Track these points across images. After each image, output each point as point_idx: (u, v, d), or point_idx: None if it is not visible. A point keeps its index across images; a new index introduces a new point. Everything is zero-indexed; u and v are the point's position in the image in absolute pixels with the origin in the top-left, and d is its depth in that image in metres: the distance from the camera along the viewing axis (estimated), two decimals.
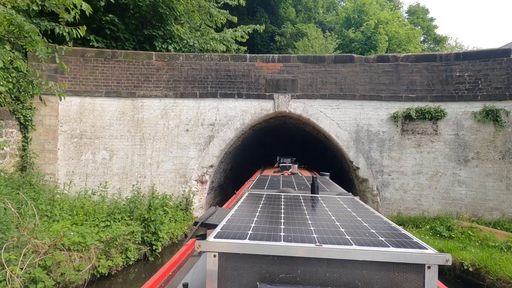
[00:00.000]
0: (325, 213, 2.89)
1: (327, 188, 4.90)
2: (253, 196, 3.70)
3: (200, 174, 12.58)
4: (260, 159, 20.53)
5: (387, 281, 1.82)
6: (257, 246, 1.88)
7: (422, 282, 1.80)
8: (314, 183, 4.17)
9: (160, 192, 12.33)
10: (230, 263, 1.88)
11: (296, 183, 5.56)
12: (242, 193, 4.19)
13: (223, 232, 2.09)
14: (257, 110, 12.68)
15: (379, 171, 12.16)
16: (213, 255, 1.87)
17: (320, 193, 4.18)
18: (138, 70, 12.46)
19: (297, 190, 4.64)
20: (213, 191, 14.44)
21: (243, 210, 2.90)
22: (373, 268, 1.83)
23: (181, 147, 12.55)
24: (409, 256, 1.81)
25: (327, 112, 12.53)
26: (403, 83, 12.12)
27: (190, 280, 2.34)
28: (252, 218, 2.55)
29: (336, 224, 2.44)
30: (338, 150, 13.27)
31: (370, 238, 2.10)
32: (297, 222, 2.47)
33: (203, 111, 12.64)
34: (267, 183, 5.47)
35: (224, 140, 12.65)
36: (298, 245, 1.89)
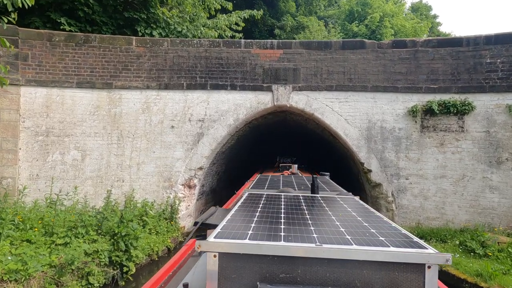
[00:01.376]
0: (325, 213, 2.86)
1: (327, 188, 4.81)
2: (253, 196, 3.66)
3: (188, 178, 10.73)
4: (258, 160, 18.71)
5: (387, 281, 1.78)
6: (257, 246, 1.85)
7: (422, 282, 1.76)
8: (314, 183, 4.12)
9: (141, 198, 10.48)
10: (230, 263, 1.85)
11: (296, 183, 5.43)
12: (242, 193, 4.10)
13: (223, 232, 2.07)
14: (253, 103, 10.83)
15: (394, 174, 10.31)
16: (213, 255, 1.84)
17: (320, 193, 4.14)
18: (115, 57, 10.61)
19: (297, 190, 4.55)
20: (204, 196, 12.60)
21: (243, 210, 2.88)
22: (373, 268, 1.79)
23: (166, 147, 10.70)
24: (409, 256, 1.78)
25: (334, 106, 10.68)
26: (422, 72, 10.27)
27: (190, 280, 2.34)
28: (252, 218, 2.53)
29: (336, 224, 2.41)
30: (347, 150, 11.42)
31: (370, 238, 2.06)
32: (297, 222, 2.44)
33: (191, 104, 10.79)
34: (267, 183, 5.34)
35: (215, 138, 10.80)
36: (298, 245, 1.87)
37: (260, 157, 18.92)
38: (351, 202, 3.50)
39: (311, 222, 2.46)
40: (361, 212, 2.97)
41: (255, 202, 3.30)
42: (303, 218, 2.62)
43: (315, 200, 3.55)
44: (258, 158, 18.76)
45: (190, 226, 11.32)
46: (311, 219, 2.57)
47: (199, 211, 12.23)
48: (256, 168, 15.85)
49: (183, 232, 10.80)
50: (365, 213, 2.94)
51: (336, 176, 10.48)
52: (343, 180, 11.70)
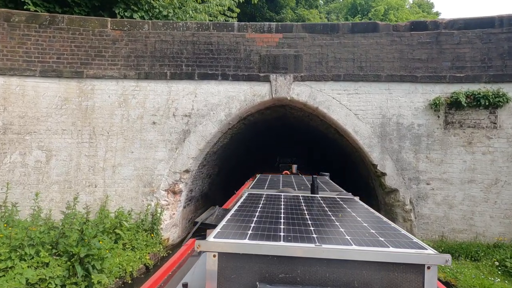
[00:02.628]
0: (324, 213, 2.82)
1: (327, 188, 4.74)
2: (253, 196, 3.59)
3: (172, 182, 9.09)
4: (256, 162, 17.07)
5: (387, 281, 1.76)
6: (257, 246, 1.82)
7: (422, 283, 1.73)
8: (314, 183, 4.08)
9: (117, 206, 8.84)
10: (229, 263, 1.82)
11: (296, 183, 5.35)
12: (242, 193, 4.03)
13: (223, 232, 2.04)
14: (248, 96, 9.19)
15: (413, 178, 8.68)
16: (213, 255, 1.81)
17: (320, 193, 4.09)
18: (87, 42, 8.96)
19: (297, 190, 4.50)
20: (192, 203, 10.95)
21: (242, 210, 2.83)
22: (373, 268, 1.77)
23: (146, 146, 9.06)
24: (409, 256, 1.75)
25: (341, 98, 9.05)
26: (446, 58, 8.64)
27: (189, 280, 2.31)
28: (252, 218, 2.48)
29: (335, 224, 2.38)
30: (355, 151, 9.79)
31: (369, 238, 2.03)
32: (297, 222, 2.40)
33: (176, 97, 9.15)
34: (267, 183, 5.28)
35: (204, 136, 9.16)
36: (298, 245, 1.84)
37: (258, 158, 17.28)
38: (351, 202, 3.45)
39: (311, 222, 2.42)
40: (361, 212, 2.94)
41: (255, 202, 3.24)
42: (303, 218, 2.59)
43: (315, 200, 3.51)
44: (256, 159, 17.11)
45: (176, 237, 9.69)
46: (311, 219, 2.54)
47: (187, 219, 10.59)
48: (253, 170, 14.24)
49: (166, 245, 9.16)
50: (365, 213, 2.90)
51: (342, 180, 8.88)
52: (350, 184, 10.08)
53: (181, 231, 10.00)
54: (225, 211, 3.96)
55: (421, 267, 1.74)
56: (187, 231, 10.72)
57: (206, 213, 3.96)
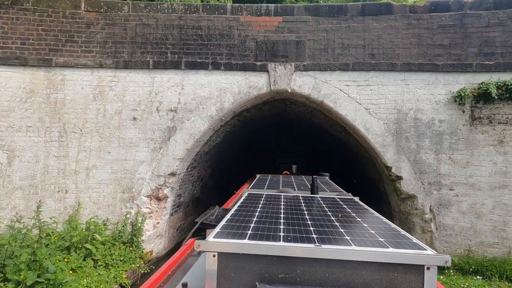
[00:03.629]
0: (324, 213, 2.78)
1: (326, 189, 4.65)
2: (252, 196, 3.54)
3: (155, 187, 7.80)
4: (254, 162, 15.80)
5: (387, 282, 1.74)
6: (257, 246, 1.80)
7: (422, 283, 1.71)
8: (313, 183, 4.02)
9: (92, 214, 7.56)
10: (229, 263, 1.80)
11: (296, 183, 5.24)
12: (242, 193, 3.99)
13: (223, 232, 2.01)
14: (243, 88, 7.91)
15: (434, 182, 7.41)
16: (213, 255, 1.80)
17: (320, 193, 4.04)
18: (57, 25, 7.67)
19: (297, 190, 4.43)
20: (181, 209, 9.66)
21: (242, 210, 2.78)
22: (373, 269, 1.75)
23: (125, 145, 7.77)
24: (409, 257, 1.73)
25: (350, 91, 7.77)
26: (472, 43, 7.37)
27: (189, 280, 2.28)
28: (252, 218, 2.45)
29: (335, 225, 2.35)
30: (365, 151, 8.51)
31: (369, 238, 2.01)
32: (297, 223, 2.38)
33: (160, 89, 7.87)
34: (267, 183, 5.16)
35: (192, 134, 7.87)
36: (298, 245, 1.82)
37: (256, 159, 16.00)
38: (350, 202, 3.40)
39: (311, 223, 2.38)
40: (361, 212, 2.88)
41: (255, 202, 3.18)
42: (303, 218, 2.53)
43: (315, 200, 3.43)
44: (253, 160, 15.84)
45: (161, 249, 8.40)
46: (311, 220, 2.48)
47: (174, 228, 9.30)
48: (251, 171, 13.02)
49: (149, 259, 7.87)
50: (364, 213, 2.85)
51: (348, 184, 7.66)
52: (357, 189, 8.82)
53: (167, 242, 8.72)
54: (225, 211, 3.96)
55: (420, 267, 1.71)
56: (175, 240, 9.44)
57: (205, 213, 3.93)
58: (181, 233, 9.81)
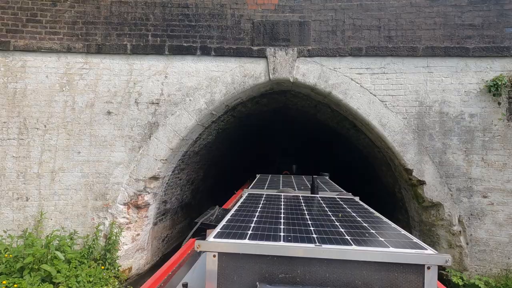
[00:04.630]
0: (325, 213, 2.75)
1: (327, 188, 4.61)
2: (252, 196, 3.50)
3: (133, 193, 6.55)
4: (252, 163, 14.57)
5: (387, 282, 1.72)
6: (257, 246, 1.79)
7: (422, 283, 1.70)
8: (313, 183, 4.00)
9: (57, 226, 6.32)
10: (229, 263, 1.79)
11: (296, 183, 5.17)
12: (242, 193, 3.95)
13: (223, 232, 2.00)
14: (237, 77, 6.67)
15: (464, 188, 6.17)
16: (213, 255, 1.78)
17: (320, 193, 4.01)
18: (16, 2, 6.42)
19: (297, 190, 4.38)
20: (168, 217, 8.40)
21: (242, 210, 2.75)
22: (373, 269, 1.73)
23: (98, 144, 6.53)
24: (409, 257, 1.72)
25: (363, 80, 6.54)
26: (511, 22, 6.14)
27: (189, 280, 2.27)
28: (252, 218, 2.42)
29: (335, 224, 2.33)
30: (379, 151, 7.27)
31: (369, 238, 1.99)
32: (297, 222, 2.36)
33: (139, 78, 6.62)
34: (267, 183, 5.09)
35: (177, 130, 6.63)
36: (298, 245, 1.80)
37: (253, 159, 14.76)
38: (351, 202, 3.35)
39: (311, 222, 2.35)
40: (361, 212, 2.84)
41: (255, 202, 3.13)
42: (303, 218, 2.50)
43: (315, 200, 3.40)
44: (251, 161, 14.60)
45: (143, 265, 7.14)
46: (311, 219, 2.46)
47: (159, 239, 8.04)
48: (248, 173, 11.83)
49: (128, 277, 6.63)
50: (365, 213, 2.79)
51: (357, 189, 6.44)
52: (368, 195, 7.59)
53: (150, 256, 7.47)
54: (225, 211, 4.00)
55: (421, 267, 1.69)
56: (161, 253, 8.19)
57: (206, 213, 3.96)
58: (168, 243, 8.56)
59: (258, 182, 5.33)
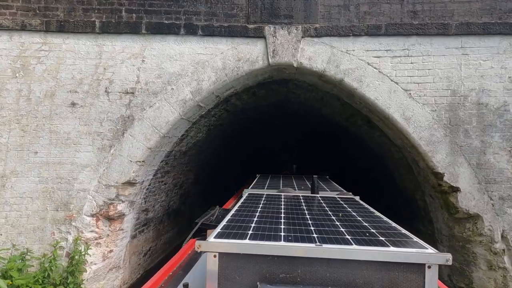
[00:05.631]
0: (325, 213, 2.72)
1: (327, 188, 4.57)
2: (253, 196, 3.46)
3: (104, 202, 5.32)
4: (249, 164, 13.37)
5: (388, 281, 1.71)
6: (257, 246, 1.78)
7: (423, 282, 1.68)
8: (314, 183, 3.96)
9: (8, 242, 5.09)
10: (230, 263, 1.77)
11: (296, 183, 5.13)
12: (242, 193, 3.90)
13: (223, 232, 1.98)
14: (229, 61, 5.46)
15: (509, 197, 4.96)
16: (213, 255, 1.76)
17: (320, 193, 3.97)
18: None
19: (297, 190, 4.33)
20: (151, 227, 7.16)
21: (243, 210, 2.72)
22: (374, 268, 1.72)
23: (60, 143, 5.30)
24: (409, 256, 1.70)
25: (382, 65, 5.32)
26: None
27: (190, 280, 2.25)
28: (252, 218, 2.40)
29: (336, 224, 2.31)
30: (399, 150, 6.05)
31: (370, 238, 1.98)
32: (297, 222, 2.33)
33: (111, 63, 5.40)
34: (267, 183, 5.04)
35: (156, 126, 5.41)
36: (298, 245, 1.79)
37: (250, 160, 13.55)
38: (351, 202, 3.30)
39: (311, 222, 2.33)
40: (361, 212, 2.80)
41: (255, 202, 3.10)
42: (303, 218, 2.48)
43: (315, 200, 3.36)
44: (248, 163, 13.39)
45: (118, 286, 5.91)
46: (311, 219, 2.43)
47: (140, 253, 6.81)
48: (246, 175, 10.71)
49: None
50: (365, 213, 2.76)
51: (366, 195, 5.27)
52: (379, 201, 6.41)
53: (128, 274, 6.24)
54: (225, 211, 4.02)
55: (421, 266, 1.67)
56: (143, 269, 6.96)
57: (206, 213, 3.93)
58: (151, 257, 7.33)
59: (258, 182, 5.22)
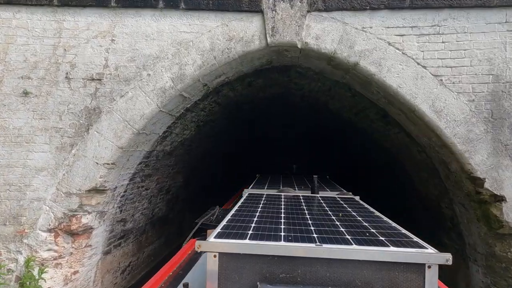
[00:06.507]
0: (325, 212, 2.69)
1: (327, 188, 4.54)
2: (253, 196, 3.43)
3: (64, 214, 4.27)
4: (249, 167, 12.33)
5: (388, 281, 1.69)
6: (257, 246, 1.77)
7: (423, 282, 1.67)
8: (314, 182, 3.94)
9: None
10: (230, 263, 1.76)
11: (296, 183, 5.05)
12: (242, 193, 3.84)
13: (223, 232, 1.97)
14: (219, 41, 4.42)
15: None
16: (213, 255, 1.75)
17: (320, 192, 3.96)
18: None
19: (297, 189, 4.28)
20: (130, 240, 6.09)
21: (243, 210, 2.70)
22: (373, 268, 1.71)
23: (8, 140, 4.26)
24: (409, 256, 1.69)
25: (407, 44, 4.29)
26: None
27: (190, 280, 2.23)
28: (252, 218, 2.38)
29: (336, 224, 2.28)
30: (423, 149, 5.00)
31: (370, 237, 1.96)
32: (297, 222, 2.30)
33: (73, 42, 4.36)
34: (267, 183, 4.99)
35: (129, 120, 4.36)
36: (298, 245, 1.78)
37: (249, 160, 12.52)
38: (351, 202, 3.26)
39: (311, 222, 2.30)
40: (361, 212, 2.76)
41: (255, 202, 3.06)
42: (303, 218, 2.45)
43: (315, 200, 3.32)
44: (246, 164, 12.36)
45: None
46: (311, 219, 2.40)
47: (117, 271, 5.75)
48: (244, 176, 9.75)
49: None
50: (365, 213, 2.72)
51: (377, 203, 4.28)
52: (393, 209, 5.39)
53: None
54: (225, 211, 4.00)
55: (421, 266, 1.66)
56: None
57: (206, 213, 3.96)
58: (131, 274, 6.28)
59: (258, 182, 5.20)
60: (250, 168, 10.62)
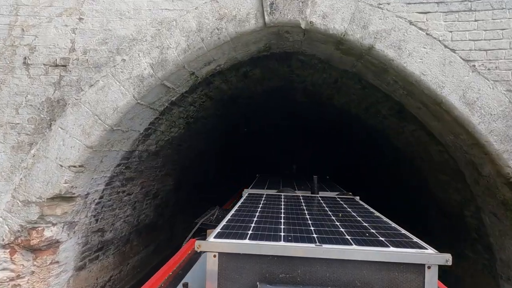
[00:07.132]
0: (325, 213, 2.66)
1: (327, 188, 4.52)
2: (253, 196, 3.39)
3: (21, 227, 3.55)
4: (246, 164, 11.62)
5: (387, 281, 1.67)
6: (257, 246, 1.75)
7: (422, 282, 1.65)
8: (314, 183, 3.86)
9: None
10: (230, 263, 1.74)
11: (296, 183, 5.02)
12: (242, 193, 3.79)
13: (223, 232, 1.95)
14: (207, 20, 3.68)
15: None
16: (213, 255, 1.74)
17: (320, 193, 3.92)
18: None
19: (297, 190, 4.22)
20: (110, 252, 5.33)
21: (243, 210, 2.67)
22: (373, 268, 1.68)
23: None
24: (409, 256, 1.67)
25: (432, 24, 3.56)
26: None
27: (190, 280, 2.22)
28: (252, 218, 2.35)
29: (336, 224, 2.25)
30: (444, 148, 4.28)
31: (370, 238, 1.93)
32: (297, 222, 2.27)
33: (33, 21, 3.63)
34: (267, 183, 4.98)
35: (100, 115, 3.62)
36: (298, 245, 1.76)
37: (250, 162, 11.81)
38: (351, 202, 3.24)
39: (311, 222, 2.29)
40: (361, 212, 2.74)
41: (255, 202, 3.04)
42: (303, 218, 2.44)
43: (315, 200, 3.30)
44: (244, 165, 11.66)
45: None
46: (311, 219, 2.39)
47: (96, 285, 5.02)
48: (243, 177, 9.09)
49: None
50: (365, 213, 2.70)
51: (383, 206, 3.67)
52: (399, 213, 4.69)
53: None
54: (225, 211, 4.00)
55: (421, 266, 1.64)
56: None
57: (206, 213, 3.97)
58: None
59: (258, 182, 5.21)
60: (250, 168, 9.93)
